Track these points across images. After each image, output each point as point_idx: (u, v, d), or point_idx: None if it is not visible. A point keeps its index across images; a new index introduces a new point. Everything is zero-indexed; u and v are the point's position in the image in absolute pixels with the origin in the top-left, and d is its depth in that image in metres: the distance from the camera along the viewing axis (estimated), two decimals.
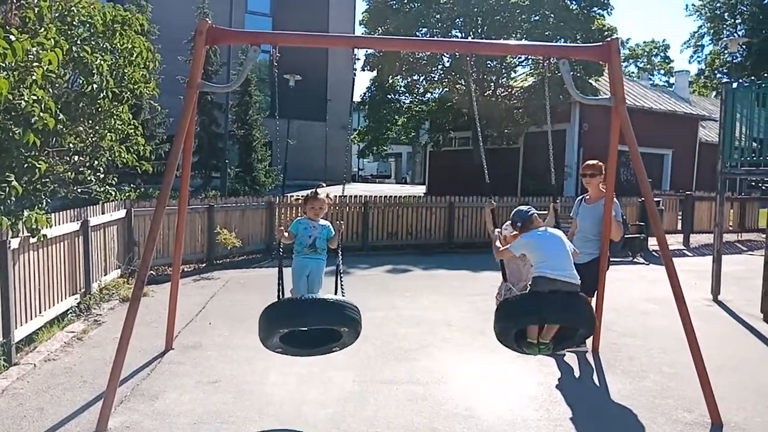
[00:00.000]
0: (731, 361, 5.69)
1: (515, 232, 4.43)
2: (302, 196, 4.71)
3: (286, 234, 4.54)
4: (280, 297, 4.25)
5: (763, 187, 15.70)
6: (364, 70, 20.57)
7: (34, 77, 4.84)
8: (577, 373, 5.37)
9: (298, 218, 4.65)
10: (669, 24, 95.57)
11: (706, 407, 4.31)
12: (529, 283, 4.20)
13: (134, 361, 5.19)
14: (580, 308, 4.11)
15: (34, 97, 4.87)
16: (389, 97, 21.60)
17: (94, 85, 6.31)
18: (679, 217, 15.94)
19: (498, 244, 4.49)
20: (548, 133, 5.04)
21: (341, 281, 4.33)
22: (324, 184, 4.89)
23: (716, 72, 47.63)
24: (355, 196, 12.97)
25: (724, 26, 46.63)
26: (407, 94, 22.18)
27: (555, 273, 4.02)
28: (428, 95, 22.18)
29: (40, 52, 4.85)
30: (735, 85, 9.13)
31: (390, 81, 20.78)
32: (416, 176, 47.91)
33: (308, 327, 4.16)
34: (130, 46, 7.04)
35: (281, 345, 4.12)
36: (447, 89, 20.43)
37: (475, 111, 4.94)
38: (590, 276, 5.55)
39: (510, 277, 4.65)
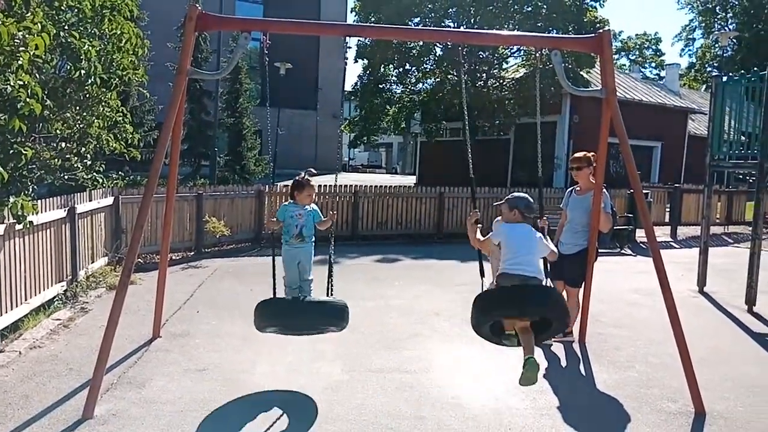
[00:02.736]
0: (715, 351, 5.75)
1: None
2: (293, 182, 4.76)
3: (274, 221, 4.68)
4: (275, 291, 4.57)
5: (751, 180, 15.82)
6: (356, 61, 20.52)
7: (20, 62, 4.79)
8: (563, 363, 5.42)
9: (285, 204, 4.75)
10: (661, 17, 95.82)
11: (690, 397, 4.36)
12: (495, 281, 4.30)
13: (121, 348, 5.17)
14: (552, 302, 4.11)
15: (21, 83, 4.81)
16: (381, 86, 21.54)
17: (82, 71, 6.26)
18: (667, 209, 16.05)
19: (478, 235, 4.43)
20: (537, 124, 5.01)
21: (331, 280, 4.64)
22: (314, 170, 4.89)
23: (707, 65, 47.82)
24: (346, 186, 12.94)
25: (716, 20, 46.78)
26: (399, 84, 22.12)
27: (513, 269, 4.12)
28: (420, 85, 22.13)
29: (27, 36, 4.79)
30: (725, 78, 9.14)
31: (382, 70, 20.72)
32: (407, 166, 47.90)
33: (299, 332, 4.60)
34: (119, 32, 6.97)
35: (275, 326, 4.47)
36: (439, 80, 20.40)
37: (464, 102, 4.91)
38: (578, 267, 5.60)
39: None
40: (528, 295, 4.06)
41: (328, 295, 4.56)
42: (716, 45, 42.61)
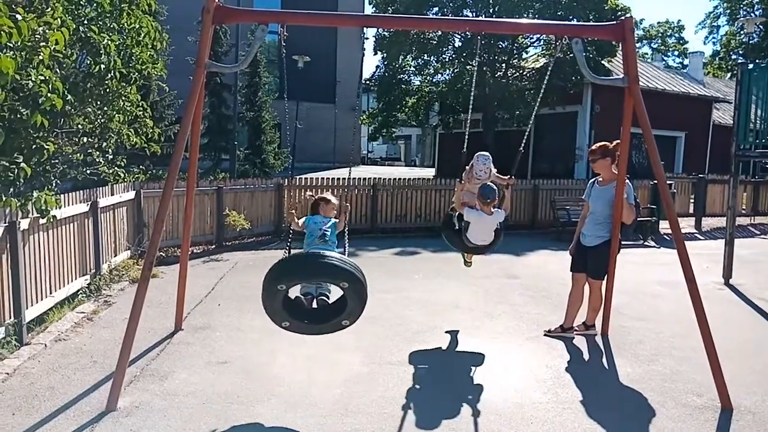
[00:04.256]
0: (742, 345, 5.64)
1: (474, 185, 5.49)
2: (314, 197, 4.90)
3: (298, 222, 4.70)
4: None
5: None
6: (375, 53, 20.42)
7: (41, 57, 4.82)
8: (586, 357, 5.35)
9: (311, 216, 4.76)
10: (684, 4, 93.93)
11: (716, 391, 4.28)
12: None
13: (144, 341, 5.23)
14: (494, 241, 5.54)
15: (42, 78, 4.85)
16: (399, 77, 21.42)
17: (102, 66, 6.29)
18: (692, 201, 15.79)
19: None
20: (532, 113, 4.93)
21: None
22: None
23: (731, 53, 46.82)
24: (364, 179, 12.92)
25: (741, 6, 45.72)
26: (417, 75, 21.99)
27: (474, 241, 5.48)
28: (438, 76, 21.98)
29: (47, 31, 4.82)
30: (751, 66, 8.91)
31: (400, 61, 20.60)
32: (426, 159, 47.70)
33: (307, 280, 4.33)
34: (137, 26, 7.00)
35: (287, 317, 4.24)
36: (458, 70, 20.23)
37: (472, 92, 4.84)
38: (600, 259, 5.51)
39: (472, 231, 5.45)
40: (480, 248, 5.61)
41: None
42: (742, 32, 41.57)
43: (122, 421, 3.86)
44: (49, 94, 4.94)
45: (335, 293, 4.39)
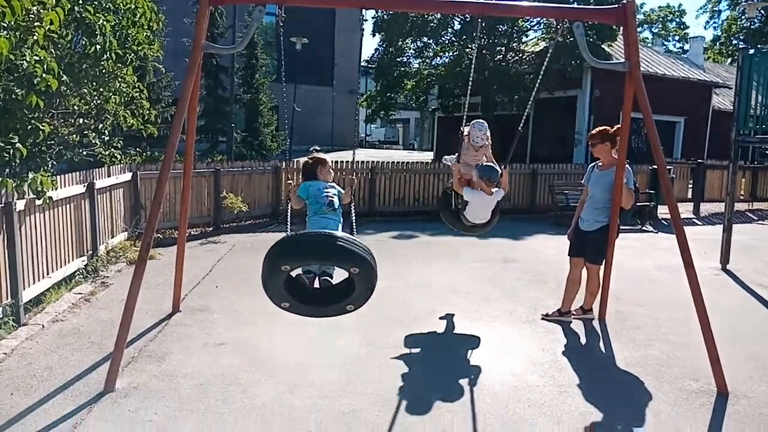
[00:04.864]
0: (739, 330, 5.66)
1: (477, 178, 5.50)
2: (309, 161, 4.64)
3: (293, 189, 4.48)
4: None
5: None
6: (374, 35, 20.25)
7: (35, 37, 4.77)
8: (583, 341, 5.37)
9: (306, 183, 4.55)
10: None
11: (713, 376, 4.30)
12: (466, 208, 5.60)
13: (141, 322, 5.24)
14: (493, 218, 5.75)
15: (36, 58, 4.80)
16: (398, 60, 21.28)
17: (98, 46, 6.21)
18: (690, 186, 15.78)
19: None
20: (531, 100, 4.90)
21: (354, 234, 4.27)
22: (318, 148, 4.87)
23: (732, 38, 46.58)
24: (363, 162, 12.87)
25: None
26: (417, 58, 21.84)
27: (472, 219, 5.66)
28: (438, 59, 21.83)
29: (41, 11, 4.76)
30: (752, 51, 8.85)
31: (399, 44, 20.44)
32: (424, 142, 47.58)
33: (317, 263, 4.03)
34: (133, 7, 6.90)
35: (288, 297, 3.96)
36: (457, 53, 20.09)
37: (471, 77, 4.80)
38: (599, 244, 5.50)
39: (471, 210, 5.59)
40: (478, 227, 5.81)
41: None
42: (743, 16, 41.39)
43: (120, 401, 3.87)
44: (44, 75, 4.89)
45: (338, 274, 4.19)
